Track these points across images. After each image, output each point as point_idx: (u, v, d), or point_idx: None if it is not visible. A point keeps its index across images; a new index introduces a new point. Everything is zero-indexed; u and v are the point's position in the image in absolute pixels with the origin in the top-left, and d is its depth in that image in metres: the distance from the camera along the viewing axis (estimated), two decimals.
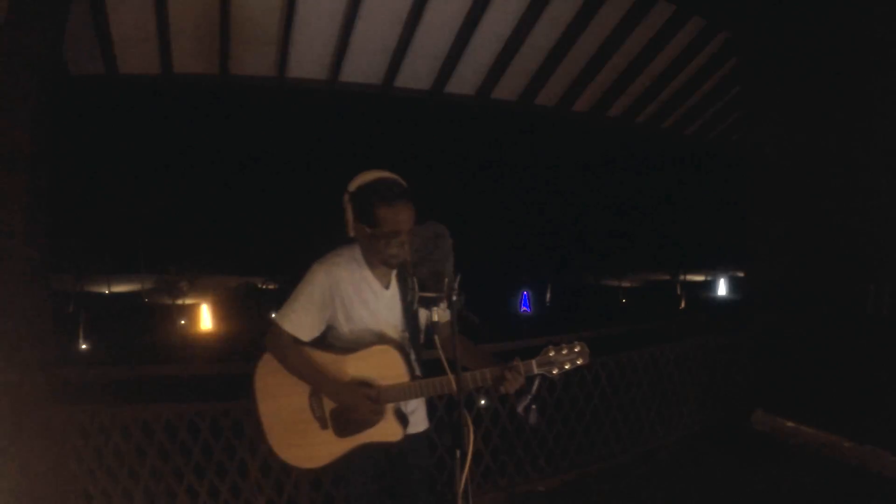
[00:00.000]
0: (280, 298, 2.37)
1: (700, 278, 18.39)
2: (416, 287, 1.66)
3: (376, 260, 2.14)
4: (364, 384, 2.11)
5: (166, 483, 3.10)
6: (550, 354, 2.05)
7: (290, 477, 3.18)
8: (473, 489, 3.53)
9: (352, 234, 2.12)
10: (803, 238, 4.64)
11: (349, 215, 2.08)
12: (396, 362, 2.11)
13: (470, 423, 1.71)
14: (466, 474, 1.68)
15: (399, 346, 2.14)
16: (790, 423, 4.49)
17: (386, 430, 2.14)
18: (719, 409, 4.75)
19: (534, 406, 2.05)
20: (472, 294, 1.70)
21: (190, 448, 3.12)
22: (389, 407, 2.14)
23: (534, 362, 2.05)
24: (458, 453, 1.69)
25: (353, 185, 2.07)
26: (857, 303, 4.25)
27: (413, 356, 2.20)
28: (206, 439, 3.14)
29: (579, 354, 2.06)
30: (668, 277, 18.00)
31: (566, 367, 2.06)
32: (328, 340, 2.23)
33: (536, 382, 2.05)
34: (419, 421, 2.31)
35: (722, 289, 16.23)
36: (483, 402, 3.65)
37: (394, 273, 2.21)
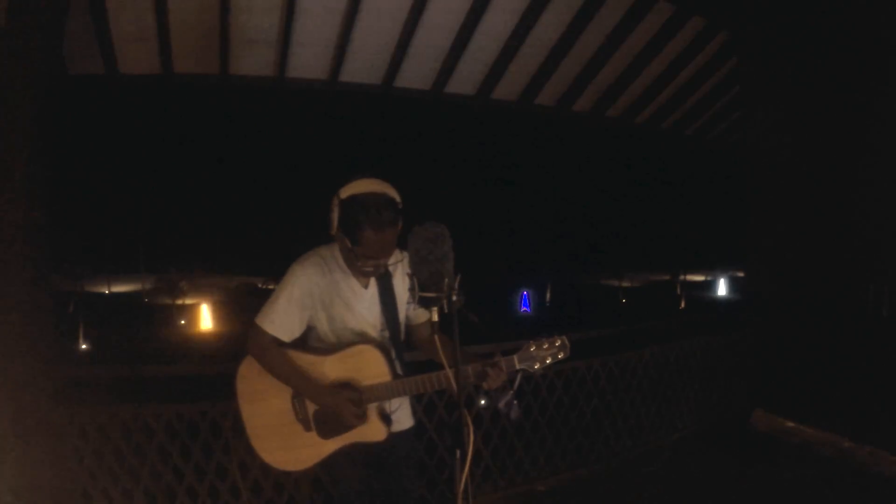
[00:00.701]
0: None
1: (700, 278, 18.38)
2: (417, 287, 1.66)
3: (352, 268, 2.13)
4: (345, 386, 2.09)
5: (166, 483, 3.10)
6: (531, 350, 2.05)
7: (290, 477, 3.17)
8: (473, 489, 3.53)
9: (333, 234, 2.10)
10: (803, 238, 4.64)
11: (334, 219, 2.04)
12: (378, 361, 2.10)
13: (470, 423, 1.71)
14: (466, 474, 1.67)
15: (380, 346, 2.13)
16: (790, 423, 4.49)
17: (370, 431, 2.13)
18: (719, 409, 4.75)
19: (515, 401, 2.05)
20: (472, 294, 1.70)
21: (190, 448, 3.12)
22: (373, 407, 2.12)
23: (515, 358, 2.05)
24: (458, 453, 1.69)
25: (345, 193, 2.00)
26: (857, 303, 4.25)
27: (394, 355, 2.20)
28: (206, 439, 3.14)
29: (560, 348, 2.05)
30: (668, 277, 17.97)
31: (547, 361, 2.05)
32: (309, 341, 2.22)
33: (518, 378, 2.05)
34: (403, 419, 2.29)
35: (722, 289, 16.23)
36: (483, 402, 3.65)
37: None
